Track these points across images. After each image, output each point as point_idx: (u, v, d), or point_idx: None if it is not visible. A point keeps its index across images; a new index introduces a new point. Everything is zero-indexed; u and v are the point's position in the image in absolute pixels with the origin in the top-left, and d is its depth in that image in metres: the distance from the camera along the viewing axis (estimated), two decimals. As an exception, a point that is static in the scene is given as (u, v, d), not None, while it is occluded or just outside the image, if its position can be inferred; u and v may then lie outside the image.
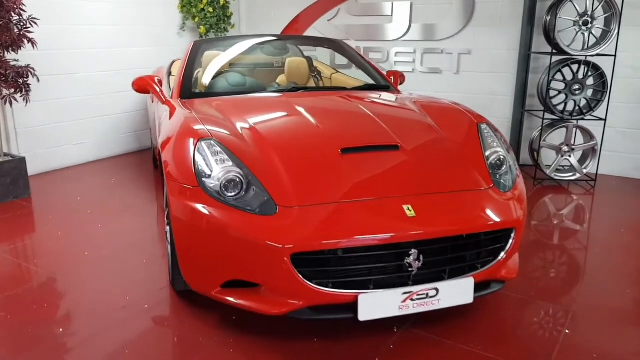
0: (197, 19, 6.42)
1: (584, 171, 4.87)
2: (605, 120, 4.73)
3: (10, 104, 4.20)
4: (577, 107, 4.77)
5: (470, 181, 2.52)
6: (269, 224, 2.18)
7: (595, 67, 4.64)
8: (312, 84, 4.46)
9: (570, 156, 4.85)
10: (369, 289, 2.19)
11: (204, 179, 2.34)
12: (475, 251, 2.35)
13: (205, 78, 3.83)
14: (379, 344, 2.36)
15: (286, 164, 2.41)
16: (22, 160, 4.44)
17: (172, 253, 2.61)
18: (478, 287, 2.38)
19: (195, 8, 6.37)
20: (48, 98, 5.15)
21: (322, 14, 6.67)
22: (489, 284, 2.46)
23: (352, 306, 2.17)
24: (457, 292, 2.29)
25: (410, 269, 2.21)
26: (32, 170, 4.97)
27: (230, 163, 2.38)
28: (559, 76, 4.76)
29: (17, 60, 4.32)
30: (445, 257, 2.29)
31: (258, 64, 4.59)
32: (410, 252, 2.19)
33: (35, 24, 4.25)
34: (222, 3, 6.50)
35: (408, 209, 2.25)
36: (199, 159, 2.41)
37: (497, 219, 2.36)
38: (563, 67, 4.69)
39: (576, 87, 4.67)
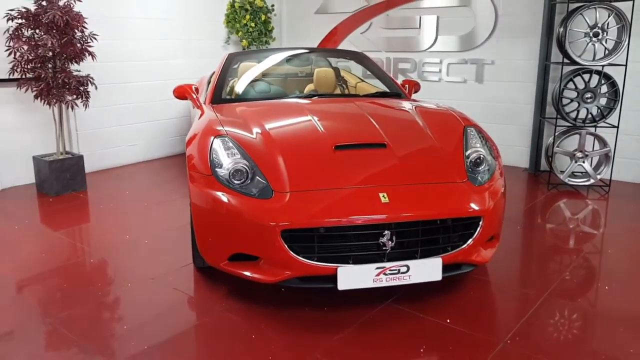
0: (240, 33, 7.01)
1: (598, 177, 5.03)
2: (617, 127, 4.89)
3: (72, 108, 4.87)
4: (589, 115, 4.95)
5: (446, 175, 2.87)
6: (265, 206, 2.62)
7: (607, 76, 4.82)
8: (337, 92, 4.85)
9: (584, 162, 5.03)
10: (348, 263, 2.59)
11: (216, 169, 2.82)
12: (444, 235, 2.69)
13: (235, 86, 4.34)
14: (361, 315, 2.74)
15: (286, 158, 2.84)
16: (80, 158, 5.11)
17: (192, 234, 3.10)
18: (449, 267, 2.72)
19: (238, 23, 6.97)
20: (105, 104, 5.84)
21: (355, 28, 7.10)
22: (460, 266, 2.79)
23: (333, 277, 2.57)
24: (426, 270, 2.64)
25: (384, 248, 2.59)
26: (90, 168, 5.66)
27: (239, 156, 2.84)
28: (571, 85, 4.96)
29: (79, 71, 5.00)
30: (417, 239, 2.65)
31: (284, 74, 5.06)
32: (384, 233, 2.57)
33: (95, 39, 4.92)
34: (263, 18, 7.05)
35: (383, 196, 2.63)
36: (213, 152, 2.89)
37: (464, 208, 2.69)
38: (575, 76, 4.90)
39: (588, 95, 4.86)
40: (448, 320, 2.68)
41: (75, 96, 4.91)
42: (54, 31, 4.56)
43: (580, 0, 4.81)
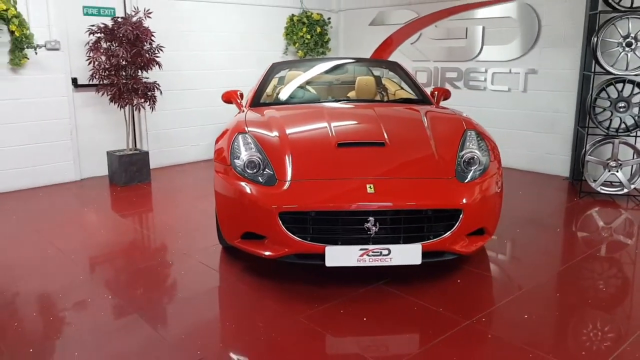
0: (296, 45, 7.57)
1: (632, 187, 5.02)
2: (651, 136, 4.88)
3: (139, 110, 5.61)
4: (623, 124, 4.97)
5: (435, 172, 3.18)
6: (268, 192, 3.07)
7: (641, 86, 4.83)
8: (377, 98, 5.16)
9: (617, 171, 5.04)
10: (337, 244, 2.98)
11: (234, 160, 3.31)
12: (426, 224, 3.00)
13: (275, 92, 4.86)
14: (351, 292, 3.11)
15: (294, 153, 3.28)
16: (146, 154, 5.85)
17: (215, 217, 3.61)
18: (431, 254, 3.04)
19: (295, 35, 7.53)
20: (173, 108, 6.59)
21: (406, 38, 7.43)
22: (442, 253, 3.09)
23: (323, 256, 2.97)
24: (406, 254, 2.96)
25: (369, 232, 2.95)
26: (157, 164, 6.43)
27: (254, 150, 3.32)
28: (604, 94, 5.01)
29: (148, 78, 5.75)
30: (400, 226, 2.99)
31: (324, 82, 5.51)
32: (368, 219, 2.93)
33: (162, 50, 5.65)
34: (318, 31, 7.56)
35: (370, 187, 3.00)
36: (235, 146, 3.39)
37: (443, 201, 3.00)
38: (608, 85, 4.94)
39: (621, 104, 4.89)
40: (426, 301, 2.98)
41: (143, 100, 5.66)
42: (126, 44, 5.31)
43: (617, 10, 4.86)
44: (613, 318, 2.84)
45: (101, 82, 5.48)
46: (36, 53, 5.25)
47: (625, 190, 5.04)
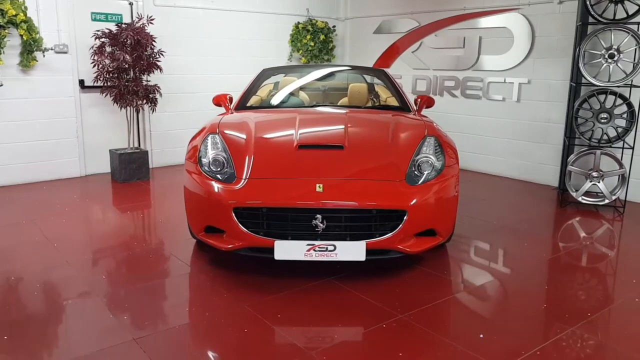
0: (300, 51, 7.79)
1: (613, 197, 5.03)
2: (633, 148, 4.88)
3: (138, 112, 5.92)
4: (604, 135, 5.00)
5: (386, 174, 3.33)
6: (226, 188, 3.28)
7: (623, 97, 4.85)
8: (369, 105, 5.28)
9: (599, 182, 5.06)
10: (288, 239, 3.16)
11: (202, 158, 3.54)
12: (371, 223, 3.15)
13: (266, 95, 5.08)
14: (301, 284, 3.27)
15: (256, 153, 3.48)
16: (145, 153, 6.16)
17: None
18: (377, 251, 3.19)
19: (300, 42, 7.75)
20: (177, 110, 6.89)
21: (408, 47, 7.56)
22: (388, 251, 3.24)
23: (273, 249, 3.15)
24: (351, 250, 3.12)
25: (317, 229, 3.12)
26: (159, 163, 6.74)
27: (220, 149, 3.54)
28: (587, 105, 5.04)
29: (149, 81, 6.05)
30: (346, 224, 3.15)
31: (312, 88, 5.69)
32: (316, 217, 3.10)
33: (162, 55, 5.95)
34: (322, 38, 7.77)
35: (319, 186, 3.17)
36: (203, 145, 3.61)
37: (386, 202, 3.15)
38: (590, 97, 4.98)
39: (603, 115, 4.92)
40: (369, 296, 3.12)
41: (145, 101, 5.97)
42: (128, 48, 5.62)
43: (600, 22, 4.91)
44: (547, 320, 2.93)
45: (105, 84, 5.81)
46: (44, 56, 5.62)
47: (607, 201, 5.04)
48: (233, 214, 3.18)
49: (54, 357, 2.54)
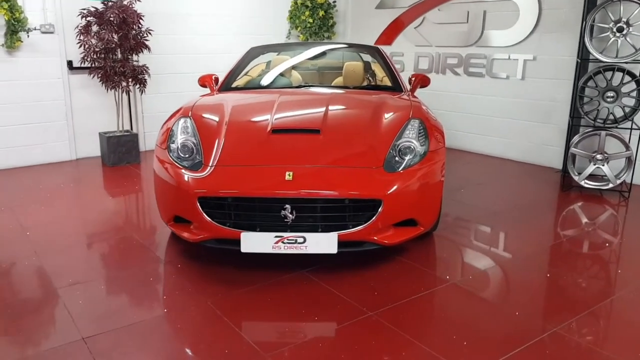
0: (299, 28, 7.51)
1: (618, 181, 4.75)
2: (640, 129, 4.58)
3: (127, 93, 5.75)
4: (610, 115, 4.69)
5: (363, 161, 3.11)
6: (192, 177, 3.10)
7: (632, 75, 4.53)
8: (365, 84, 5.01)
9: (603, 165, 4.77)
10: (256, 231, 2.98)
11: (170, 144, 3.36)
12: (345, 214, 2.95)
13: (250, 75, 4.86)
14: (275, 276, 3.11)
15: (227, 138, 3.29)
16: (136, 136, 6.01)
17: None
18: (350, 243, 3.00)
19: (298, 19, 7.47)
20: (168, 91, 6.70)
21: (410, 22, 7.23)
22: (362, 243, 3.04)
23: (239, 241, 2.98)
24: (322, 243, 2.93)
25: (285, 220, 2.93)
26: (151, 146, 6.55)
27: (190, 134, 3.35)
28: (592, 83, 4.73)
29: (137, 61, 5.87)
30: (317, 214, 2.95)
31: (304, 67, 5.45)
32: (285, 207, 2.91)
33: (150, 33, 5.75)
34: (321, 14, 7.48)
35: (289, 174, 2.97)
36: (174, 129, 3.43)
37: (362, 191, 2.94)
38: (596, 74, 4.66)
39: (610, 94, 4.61)
40: (341, 290, 2.94)
41: (134, 82, 5.80)
42: (113, 27, 5.43)
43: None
44: (520, 322, 2.72)
45: (93, 65, 5.64)
46: (28, 36, 5.47)
47: (611, 185, 4.76)
48: (198, 204, 3.01)
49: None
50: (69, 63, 5.94)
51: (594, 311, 2.78)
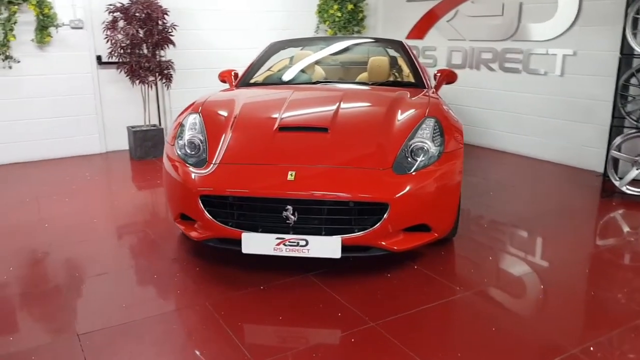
0: (327, 23, 7.37)
1: (662, 187, 4.40)
2: (687, 131, 4.21)
3: (151, 87, 5.77)
4: (654, 115, 4.34)
5: (371, 162, 2.96)
6: (195, 174, 3.02)
7: (678, 71, 4.17)
8: (390, 79, 4.84)
9: (645, 169, 4.43)
10: (257, 231, 2.88)
11: (178, 140, 3.30)
12: (349, 217, 2.81)
13: (272, 70, 4.78)
14: (278, 279, 3.00)
15: (233, 135, 3.20)
16: (161, 130, 6.03)
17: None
18: (355, 248, 2.85)
19: (326, 13, 7.33)
20: (196, 86, 6.66)
21: (443, 15, 6.97)
22: (369, 249, 2.89)
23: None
24: (325, 246, 2.80)
25: (287, 221, 2.82)
26: (179, 140, 6.60)
27: (197, 131, 3.28)
28: (635, 80, 4.39)
29: (163, 56, 5.88)
30: (321, 216, 2.82)
31: (328, 62, 5.31)
32: (287, 208, 2.80)
33: (175, 29, 5.75)
34: (349, 8, 7.31)
35: (291, 174, 2.85)
36: (182, 125, 3.37)
37: (368, 194, 2.78)
38: (638, 70, 4.32)
39: (654, 92, 4.26)
40: (344, 297, 2.81)
41: (160, 77, 5.82)
42: (137, 22, 5.45)
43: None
44: (545, 337, 2.51)
45: (120, 60, 5.69)
46: (57, 31, 5.55)
47: (655, 191, 4.41)
48: (200, 202, 2.94)
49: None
50: (98, 58, 6.01)
51: (635, 327, 2.54)
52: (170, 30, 5.72)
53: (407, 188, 2.86)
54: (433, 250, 3.39)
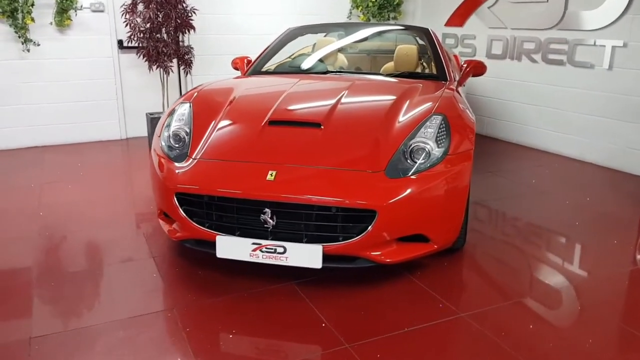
0: (360, 8, 7.01)
1: None
2: None
3: (167, 73, 5.61)
4: None
5: (364, 163, 2.65)
6: (172, 169, 2.80)
7: None
8: (418, 70, 4.50)
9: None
10: (235, 235, 2.63)
11: (164, 132, 3.09)
12: (339, 224, 2.52)
13: (285, 58, 4.51)
14: (260, 286, 2.75)
15: (220, 129, 2.96)
16: (179, 117, 5.87)
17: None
18: (339, 257, 2.57)
19: (361, -3, 6.97)
20: (219, 73, 6.48)
21: (484, 1, 6.47)
22: (355, 259, 2.59)
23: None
24: (304, 255, 2.52)
25: (265, 225, 2.56)
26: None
27: (184, 122, 3.06)
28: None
29: (183, 42, 5.71)
30: (302, 222, 2.54)
31: (350, 51, 4.99)
32: (265, 211, 2.54)
33: (195, 13, 5.56)
34: (384, -8, 6.91)
35: (271, 174, 2.58)
36: (171, 115, 3.16)
37: (353, 199, 2.48)
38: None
39: None
40: (323, 311, 2.53)
41: (180, 63, 5.67)
42: (156, 5, 5.29)
43: None
44: None
45: (140, 45, 5.56)
46: (76, 15, 5.47)
47: None
48: (175, 200, 2.72)
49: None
50: (120, 42, 5.91)
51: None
52: (190, 15, 5.53)
53: (400, 194, 2.53)
54: (436, 261, 3.04)
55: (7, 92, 5.52)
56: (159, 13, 5.33)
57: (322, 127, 2.86)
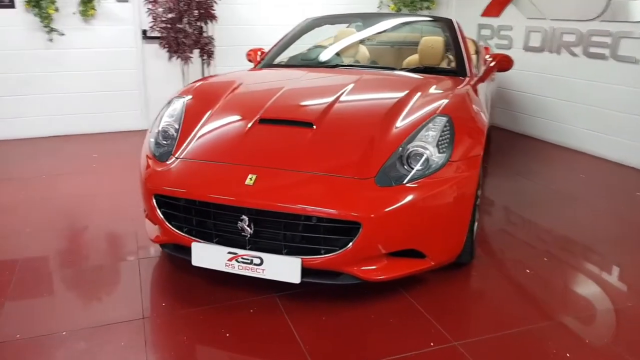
0: (392, -3, 6.70)
1: None
2: None
3: (187, 64, 5.51)
4: None
5: (354, 169, 2.42)
6: (154, 168, 2.66)
7: None
8: (443, 65, 4.23)
9: None
10: (212, 242, 2.47)
11: (153, 128, 2.96)
12: (322, 235, 2.31)
13: (291, 50, 4.31)
14: (241, 297, 2.58)
15: (208, 126, 2.80)
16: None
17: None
18: (320, 272, 2.36)
19: (393, -14, 6.65)
20: (242, 64, 6.37)
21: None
22: (338, 275, 2.38)
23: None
24: (281, 268, 2.34)
25: (243, 233, 2.38)
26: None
27: (174, 119, 2.92)
28: None
29: (206, 32, 5.59)
30: (282, 232, 2.35)
31: (371, 42, 4.73)
32: (242, 217, 2.36)
33: (216, 2, 5.42)
34: (417, -19, 6.57)
35: (250, 178, 2.39)
36: (163, 111, 3.03)
37: (336, 210, 2.26)
38: None
39: None
40: (302, 331, 2.34)
41: (201, 54, 5.57)
42: (175, -4, 5.19)
43: None
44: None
45: (162, 34, 5.49)
46: (100, 4, 5.45)
47: None
48: (154, 201, 2.58)
49: None
50: (144, 32, 5.85)
51: None
52: (211, 4, 5.39)
53: (389, 204, 2.30)
54: (437, 277, 2.78)
55: (31, 81, 5.56)
56: (180, 3, 5.22)
57: (315, 127, 2.66)
